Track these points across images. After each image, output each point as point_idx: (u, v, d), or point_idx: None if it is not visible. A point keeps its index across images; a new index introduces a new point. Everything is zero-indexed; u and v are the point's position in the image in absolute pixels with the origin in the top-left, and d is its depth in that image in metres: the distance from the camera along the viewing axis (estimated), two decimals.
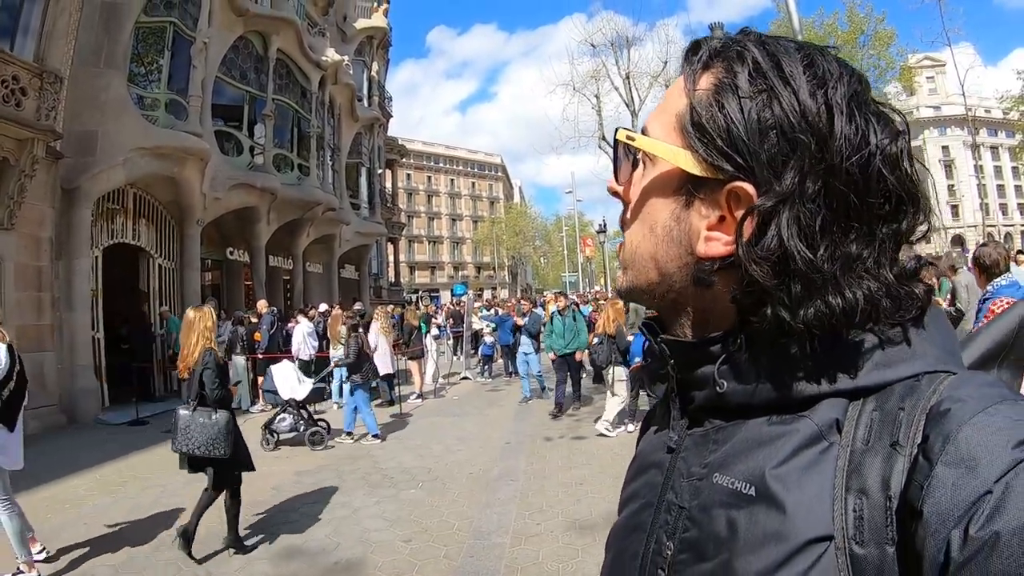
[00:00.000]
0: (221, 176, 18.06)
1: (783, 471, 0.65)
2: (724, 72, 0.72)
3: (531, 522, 6.47)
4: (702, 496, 0.73)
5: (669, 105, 0.78)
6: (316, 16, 24.61)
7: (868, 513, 0.60)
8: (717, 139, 0.70)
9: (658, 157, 0.77)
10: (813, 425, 0.66)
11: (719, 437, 0.75)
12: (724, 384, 0.73)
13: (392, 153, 37.74)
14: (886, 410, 0.64)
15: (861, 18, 26.39)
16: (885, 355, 0.67)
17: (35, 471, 9.16)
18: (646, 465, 0.87)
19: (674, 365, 0.81)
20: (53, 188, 13.17)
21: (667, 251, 0.77)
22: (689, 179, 0.74)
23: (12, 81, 11.31)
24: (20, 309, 12.22)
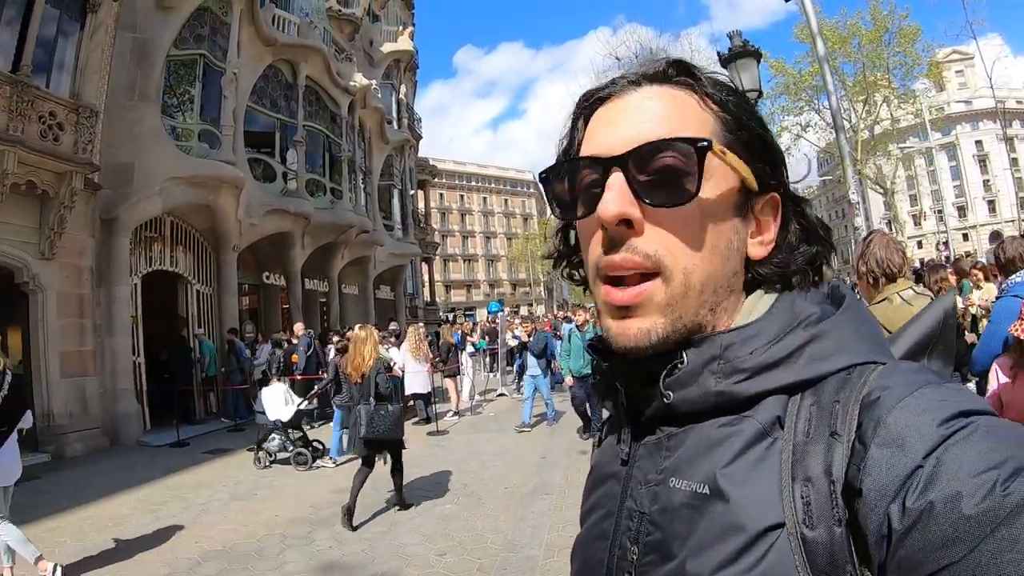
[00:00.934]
0: (255, 202, 18.38)
1: (733, 469, 0.70)
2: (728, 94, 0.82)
3: (564, 535, 6.43)
4: (661, 500, 0.76)
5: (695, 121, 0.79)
6: (343, 42, 24.95)
7: (815, 498, 0.65)
8: (766, 156, 0.81)
9: (715, 173, 0.77)
10: (757, 424, 0.72)
11: (671, 444, 0.79)
12: (671, 395, 0.77)
13: (424, 174, 38.01)
14: (822, 403, 0.70)
15: (884, 16, 26.05)
16: (816, 349, 0.73)
17: (78, 491, 9.48)
18: (603, 477, 0.91)
19: (621, 381, 0.86)
20: (92, 219, 13.58)
21: (727, 266, 0.79)
22: (745, 191, 0.81)
23: (49, 117, 11.71)
24: (63, 335, 12.61)
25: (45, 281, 12.28)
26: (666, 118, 0.78)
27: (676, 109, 0.79)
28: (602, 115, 0.84)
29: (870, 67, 26.96)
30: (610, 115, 0.83)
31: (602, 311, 0.81)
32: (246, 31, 18.32)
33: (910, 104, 30.58)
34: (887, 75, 27.38)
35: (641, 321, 0.77)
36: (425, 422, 13.69)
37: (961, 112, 77.94)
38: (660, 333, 0.76)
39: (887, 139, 31.47)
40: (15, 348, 13.13)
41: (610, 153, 0.77)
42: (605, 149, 0.78)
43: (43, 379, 12.21)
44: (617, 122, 0.81)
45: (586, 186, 0.80)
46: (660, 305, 0.76)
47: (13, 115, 10.84)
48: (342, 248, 24.00)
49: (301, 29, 20.96)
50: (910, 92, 29.26)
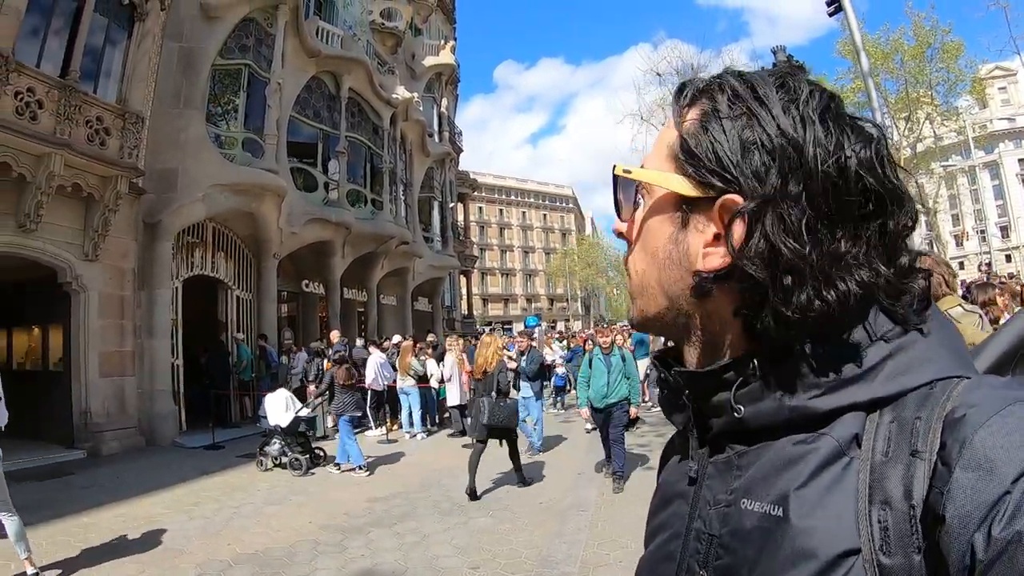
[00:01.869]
0: (297, 211, 18.60)
1: (808, 490, 0.66)
2: (708, 102, 0.78)
3: (600, 552, 6.35)
4: (731, 522, 0.73)
5: (661, 140, 0.83)
6: (385, 55, 25.22)
7: (893, 523, 0.61)
8: (705, 160, 0.75)
9: (653, 186, 0.80)
10: (834, 442, 0.68)
11: (742, 462, 0.76)
12: (741, 409, 0.74)
13: (463, 187, 38.20)
14: (903, 420, 0.65)
15: (927, 31, 25.64)
16: (897, 364, 0.69)
17: (113, 489, 9.60)
18: (670, 496, 0.88)
19: (689, 395, 0.82)
20: (136, 222, 13.87)
21: (670, 274, 0.79)
22: (683, 201, 0.78)
23: (96, 122, 11.99)
24: (103, 335, 12.88)
25: (88, 282, 12.55)
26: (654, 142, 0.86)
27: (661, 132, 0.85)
28: None
29: (912, 83, 26.47)
30: None
31: None
32: (290, 42, 18.61)
33: (953, 121, 30.01)
34: (930, 91, 26.90)
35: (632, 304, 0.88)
36: (461, 434, 13.64)
37: (1004, 129, 76.14)
38: (632, 315, 0.89)
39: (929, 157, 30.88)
40: (56, 346, 13.44)
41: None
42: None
43: (82, 378, 12.47)
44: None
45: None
46: (632, 294, 0.87)
47: (61, 119, 11.11)
48: (381, 259, 24.17)
49: (345, 41, 21.23)
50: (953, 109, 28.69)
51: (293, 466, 10.55)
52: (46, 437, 12.77)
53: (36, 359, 14.67)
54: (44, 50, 11.49)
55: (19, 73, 10.52)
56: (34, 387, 13.77)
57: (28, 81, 10.70)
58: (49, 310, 13.29)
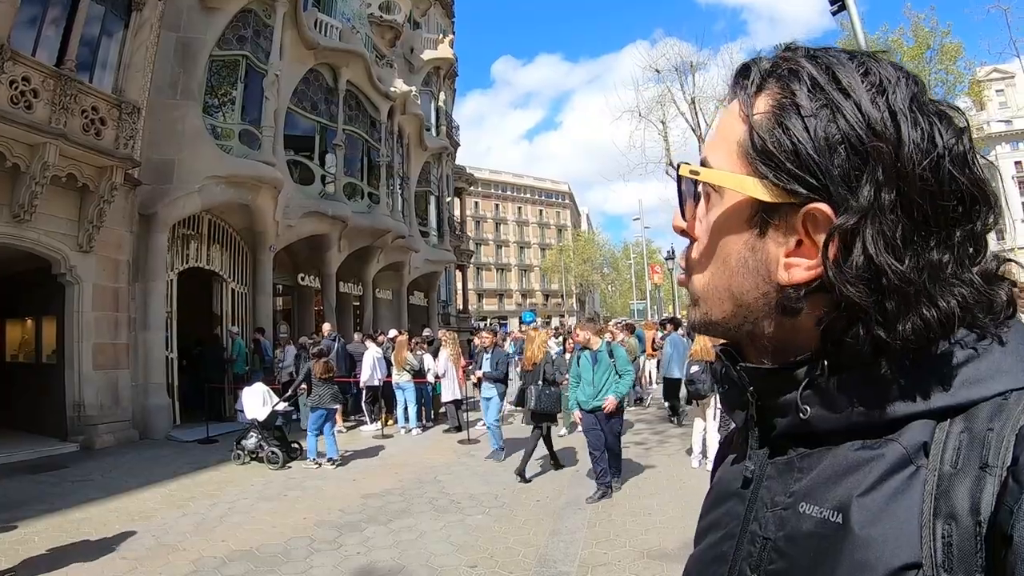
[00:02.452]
0: (293, 204, 18.54)
1: (871, 498, 0.63)
2: (781, 92, 0.70)
3: (598, 551, 6.31)
4: (788, 526, 0.70)
5: (726, 133, 0.75)
6: (384, 48, 25.12)
7: (957, 539, 0.58)
8: (786, 162, 0.68)
9: (725, 188, 0.74)
10: (901, 449, 0.64)
11: (803, 465, 0.72)
12: (808, 410, 0.70)
13: (460, 181, 38.13)
14: (974, 431, 0.62)
15: (926, 32, 25.64)
16: (971, 372, 0.65)
17: (108, 483, 9.55)
18: (726, 494, 0.85)
19: (753, 392, 0.79)
20: (131, 214, 13.78)
21: (743, 282, 0.74)
22: (761, 207, 0.71)
23: (92, 111, 11.91)
24: (97, 328, 12.81)
25: (82, 273, 12.48)
26: (712, 136, 0.80)
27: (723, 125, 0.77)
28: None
29: None
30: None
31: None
32: (289, 34, 18.51)
33: None
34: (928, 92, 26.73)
35: (690, 309, 0.84)
36: (456, 430, 13.60)
37: (1001, 132, 76.41)
38: (692, 317, 0.83)
39: None
40: (49, 338, 13.38)
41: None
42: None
43: (76, 370, 12.41)
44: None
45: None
46: (693, 297, 0.82)
47: (56, 108, 11.02)
48: (378, 252, 24.16)
49: (343, 34, 21.14)
50: None
51: (270, 460, 10.55)
52: (39, 430, 12.75)
53: (29, 351, 14.60)
54: (40, 38, 11.41)
55: (15, 62, 10.42)
56: (27, 380, 13.75)
57: (24, 70, 10.60)
58: (43, 302, 13.22)
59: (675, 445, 11.01)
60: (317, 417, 10.75)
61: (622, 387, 8.36)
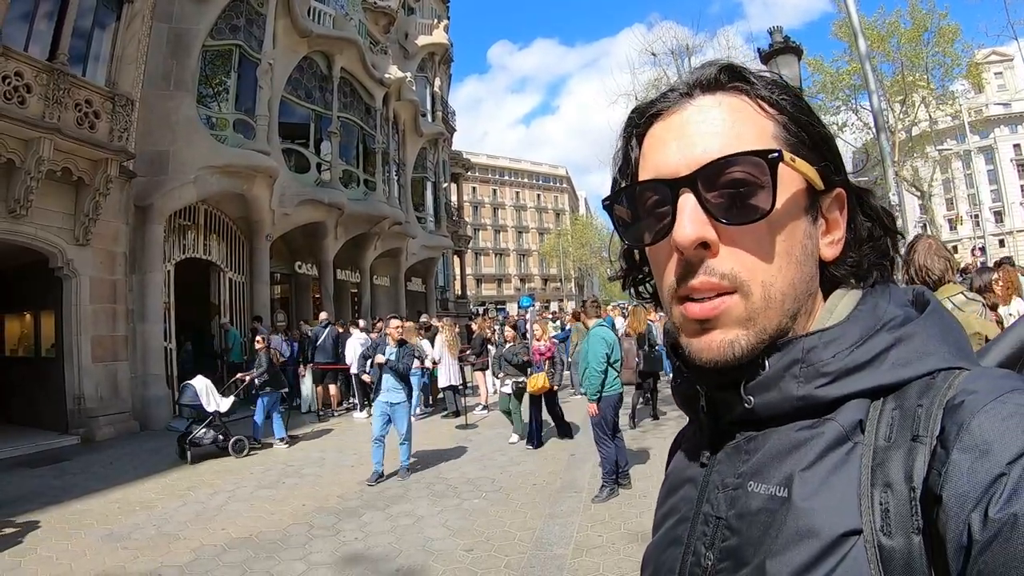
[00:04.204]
0: (289, 192, 18.53)
1: (812, 472, 0.68)
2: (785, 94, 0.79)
3: (593, 534, 6.37)
4: (738, 504, 0.74)
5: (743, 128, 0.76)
6: (378, 35, 25.00)
7: (894, 505, 0.63)
8: (827, 152, 0.79)
9: (783, 180, 0.73)
10: (839, 427, 0.69)
11: (750, 447, 0.77)
12: (752, 400, 0.76)
13: (457, 167, 37.98)
14: (905, 408, 0.67)
15: (924, 15, 25.49)
16: (900, 354, 0.71)
17: (107, 474, 9.60)
18: (680, 482, 0.89)
19: (702, 386, 0.84)
20: (127, 205, 13.79)
21: (804, 272, 0.77)
22: (813, 194, 0.78)
23: (86, 104, 11.89)
24: (95, 320, 12.85)
25: (79, 266, 12.51)
26: (726, 131, 0.75)
27: (735, 119, 0.76)
28: (659, 133, 0.81)
29: (908, 67, 26.34)
30: (668, 132, 0.79)
31: (681, 329, 0.79)
32: (281, 22, 18.43)
33: (948, 105, 29.92)
34: (925, 75, 26.80)
35: (724, 333, 0.74)
36: (454, 415, 13.67)
37: (1000, 115, 76.00)
38: (743, 345, 0.74)
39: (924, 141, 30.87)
40: (48, 332, 13.41)
41: (675, 174, 0.75)
42: (669, 170, 0.76)
43: (75, 363, 12.46)
44: (677, 140, 0.78)
45: (651, 209, 0.79)
46: (740, 319, 0.74)
47: (50, 102, 11.01)
48: (375, 239, 24.15)
49: (336, 21, 21.05)
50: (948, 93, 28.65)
51: (236, 449, 10.57)
52: (39, 423, 12.81)
53: (28, 345, 14.62)
54: (32, 33, 11.35)
55: (6, 57, 10.41)
56: (26, 374, 13.77)
57: (16, 65, 10.58)
58: (41, 296, 13.24)
59: (670, 428, 11.05)
60: (271, 400, 11.04)
61: (588, 384, 7.74)
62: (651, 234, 0.78)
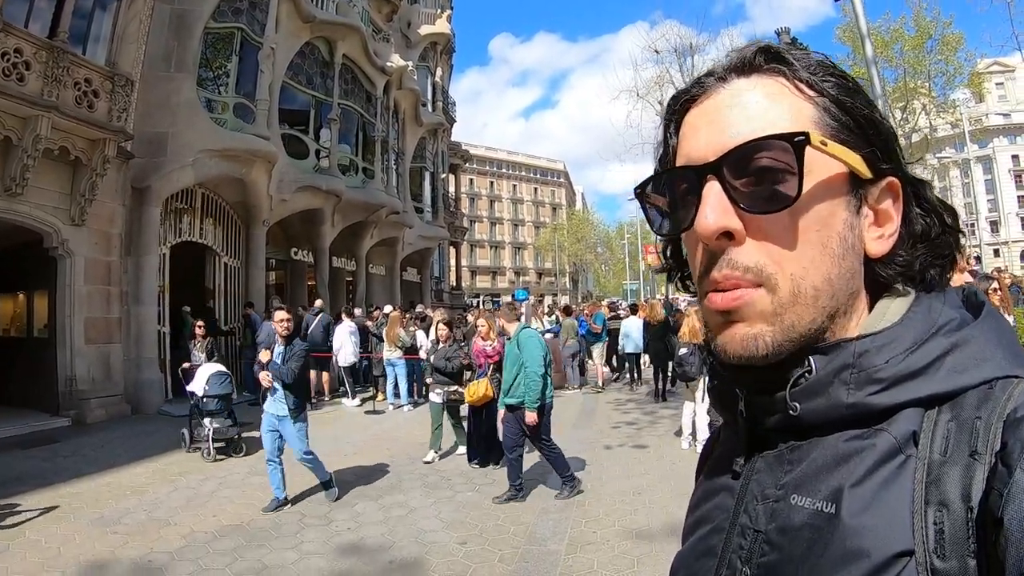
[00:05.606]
0: (287, 178, 18.42)
1: (862, 488, 0.64)
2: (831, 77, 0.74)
3: (587, 530, 6.39)
4: (780, 518, 0.70)
5: (779, 113, 0.72)
6: (381, 22, 24.87)
7: (949, 526, 0.59)
8: (871, 138, 0.72)
9: (815, 167, 0.69)
10: (891, 439, 0.65)
11: (793, 457, 0.72)
12: (797, 407, 0.70)
13: (455, 158, 37.90)
14: (962, 420, 0.63)
15: (928, 22, 25.60)
16: (956, 360, 0.66)
17: (98, 457, 9.56)
18: (714, 489, 0.84)
19: (742, 389, 0.78)
20: (124, 187, 13.68)
21: (844, 265, 0.71)
22: (857, 183, 0.73)
23: (85, 83, 11.78)
24: (90, 302, 12.77)
25: (74, 247, 12.41)
26: (758, 114, 0.72)
27: (768, 102, 0.73)
28: (693, 119, 0.78)
29: (911, 73, 26.50)
30: (701, 118, 0.77)
31: (708, 323, 0.77)
32: (285, 7, 18.25)
33: (949, 114, 30.10)
34: (927, 82, 26.90)
35: (748, 327, 0.71)
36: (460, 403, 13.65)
37: (999, 125, 76.30)
38: (768, 341, 0.70)
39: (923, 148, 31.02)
40: (41, 313, 13.34)
41: (703, 160, 0.72)
42: (698, 156, 0.73)
43: (68, 344, 12.39)
44: (708, 125, 0.75)
45: (682, 197, 0.76)
46: (765, 313, 0.70)
47: (49, 80, 10.90)
48: (371, 228, 24.06)
49: (340, 7, 20.89)
50: (949, 101, 28.77)
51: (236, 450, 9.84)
52: (31, 404, 12.76)
53: (21, 326, 14.58)
54: (33, 10, 11.23)
55: (6, 33, 10.29)
56: (19, 354, 13.71)
57: (15, 41, 10.47)
58: (35, 276, 13.19)
59: (665, 426, 11.10)
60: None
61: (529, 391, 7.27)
62: (679, 224, 0.76)
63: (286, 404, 7.19)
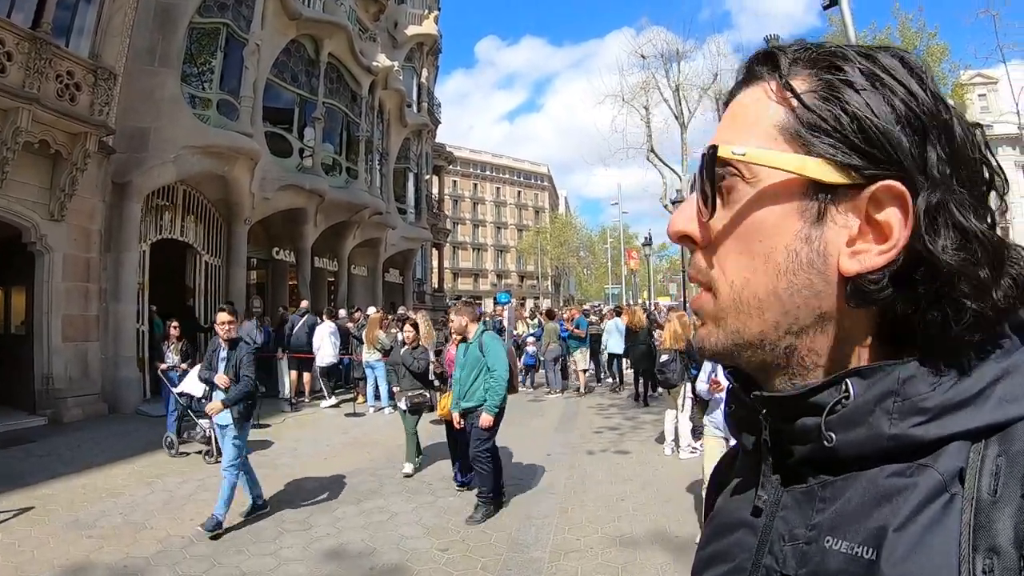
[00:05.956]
0: (270, 177, 18.29)
1: (906, 532, 0.58)
2: (828, 72, 0.66)
3: (570, 537, 6.34)
4: (812, 562, 0.64)
5: (752, 117, 0.70)
6: (367, 22, 24.78)
7: (999, 573, 0.53)
8: (851, 138, 0.63)
9: (761, 175, 0.67)
10: (936, 475, 0.59)
11: (827, 494, 0.66)
12: (833, 437, 0.63)
13: (439, 159, 37.81)
14: (1012, 454, 0.57)
15: (913, 33, 25.89)
16: (1007, 387, 0.60)
17: (74, 458, 9.40)
18: (731, 524, 0.77)
19: (767, 415, 0.71)
20: (104, 182, 13.48)
21: (794, 281, 0.66)
22: (819, 190, 0.65)
23: (67, 76, 11.62)
24: (68, 299, 12.56)
25: (53, 242, 12.20)
26: (728, 125, 0.72)
27: (743, 111, 0.72)
28: None
29: None
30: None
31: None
32: (271, 3, 18.12)
33: None
34: None
35: (703, 327, 0.74)
36: (429, 409, 13.52)
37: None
38: (713, 342, 0.72)
39: None
40: (18, 309, 13.11)
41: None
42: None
43: (44, 342, 12.18)
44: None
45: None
46: (712, 314, 0.72)
47: (30, 72, 10.73)
48: (354, 228, 23.97)
49: (327, 5, 20.84)
50: None
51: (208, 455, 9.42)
52: (6, 402, 12.51)
53: None
54: (16, 0, 11.07)
55: None
56: None
57: None
58: (12, 271, 12.93)
59: (647, 431, 11.10)
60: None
61: (493, 394, 7.04)
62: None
63: (230, 412, 6.72)
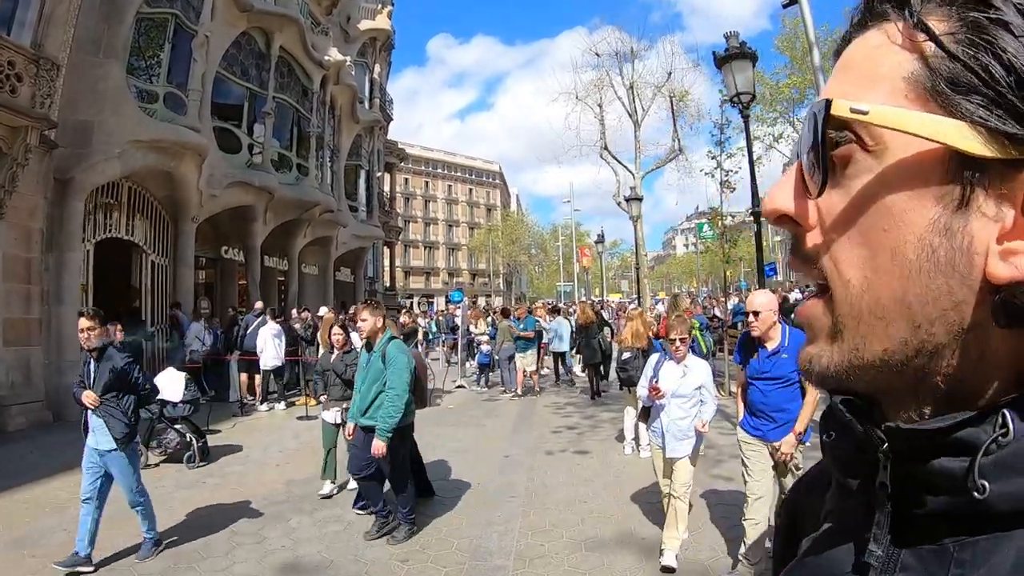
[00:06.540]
0: (218, 173, 17.93)
1: None
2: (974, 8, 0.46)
3: (534, 542, 6.19)
4: None
5: (875, 68, 0.51)
6: (320, 15, 24.45)
7: None
8: (1008, 96, 0.44)
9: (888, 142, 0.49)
10: None
11: (965, 556, 0.49)
12: (986, 487, 0.46)
13: (391, 156, 37.57)
14: None
15: None
16: None
17: (16, 470, 9.00)
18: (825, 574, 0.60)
19: (888, 452, 0.54)
20: (46, 178, 12.89)
21: (929, 286, 0.48)
22: (964, 166, 0.46)
23: (7, 67, 11.09)
24: (8, 301, 11.96)
25: None
26: (841, 76, 0.55)
27: (861, 60, 0.53)
28: None
29: None
30: None
31: None
32: None
33: None
34: None
35: (811, 347, 0.56)
36: None
37: None
38: (825, 364, 0.54)
39: None
40: None
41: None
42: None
43: None
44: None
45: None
46: (825, 328, 0.54)
47: None
48: (305, 226, 23.68)
49: None
50: None
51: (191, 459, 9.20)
52: None
53: None
54: None
55: None
56: None
57: None
58: None
59: (607, 430, 11.04)
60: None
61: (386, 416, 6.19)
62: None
63: (111, 434, 5.77)
